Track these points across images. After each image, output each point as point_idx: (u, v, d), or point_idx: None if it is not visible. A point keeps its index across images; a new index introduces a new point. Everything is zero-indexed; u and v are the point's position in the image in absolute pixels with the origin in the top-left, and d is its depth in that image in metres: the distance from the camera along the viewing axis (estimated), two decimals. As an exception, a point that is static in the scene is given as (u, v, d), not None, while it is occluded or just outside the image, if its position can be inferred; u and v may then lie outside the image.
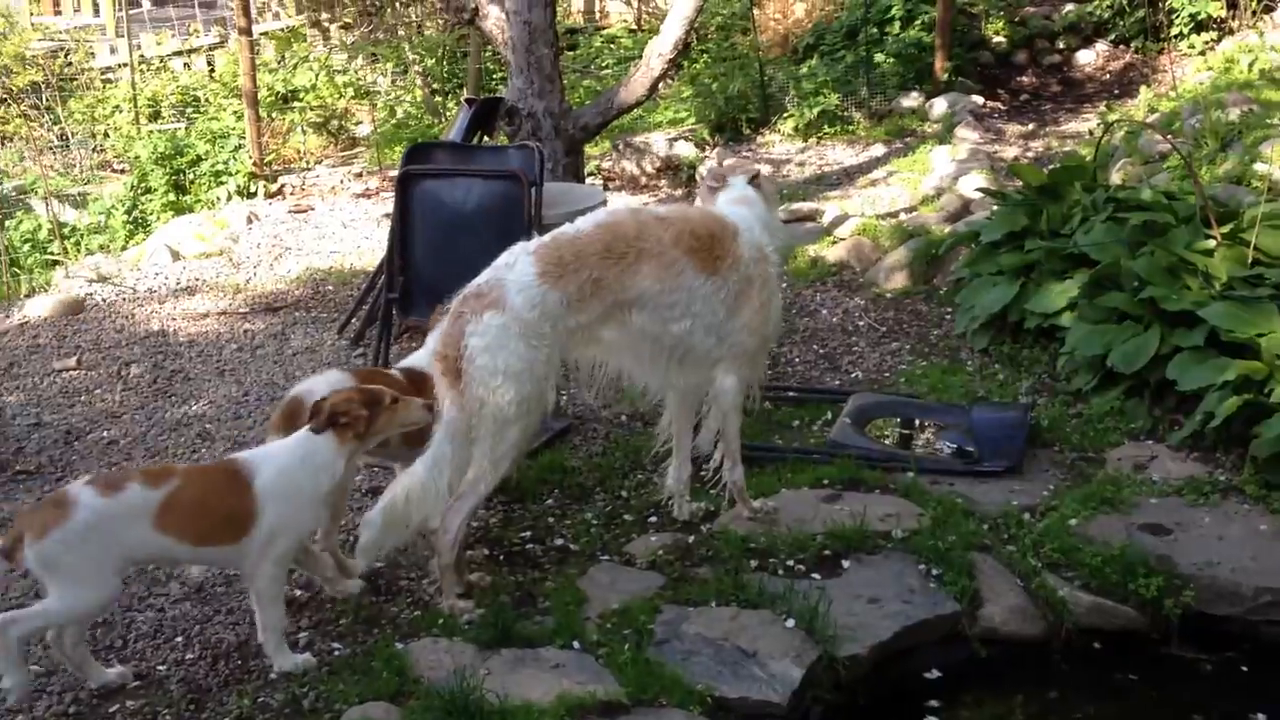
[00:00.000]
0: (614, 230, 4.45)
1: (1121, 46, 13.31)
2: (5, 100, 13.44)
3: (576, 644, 4.01)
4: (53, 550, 3.64)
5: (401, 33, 14.95)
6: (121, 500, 3.74)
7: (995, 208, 7.36)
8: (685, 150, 11.42)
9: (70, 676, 4.05)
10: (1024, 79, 13.08)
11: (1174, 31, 12.30)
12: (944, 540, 4.53)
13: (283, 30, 16.03)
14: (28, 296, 9.04)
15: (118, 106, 14.25)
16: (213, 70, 15.48)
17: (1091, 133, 9.95)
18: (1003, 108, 12.13)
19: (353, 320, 7.51)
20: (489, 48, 12.27)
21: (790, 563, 4.47)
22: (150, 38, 16.36)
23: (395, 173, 6.75)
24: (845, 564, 4.46)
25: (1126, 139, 8.87)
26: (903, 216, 8.84)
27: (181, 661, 4.09)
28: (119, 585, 3.83)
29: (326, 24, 15.83)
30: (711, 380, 4.68)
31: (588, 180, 10.04)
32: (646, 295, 4.43)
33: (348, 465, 4.06)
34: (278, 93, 13.66)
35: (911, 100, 11.82)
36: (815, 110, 11.39)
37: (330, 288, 8.57)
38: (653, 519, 4.98)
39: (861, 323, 7.21)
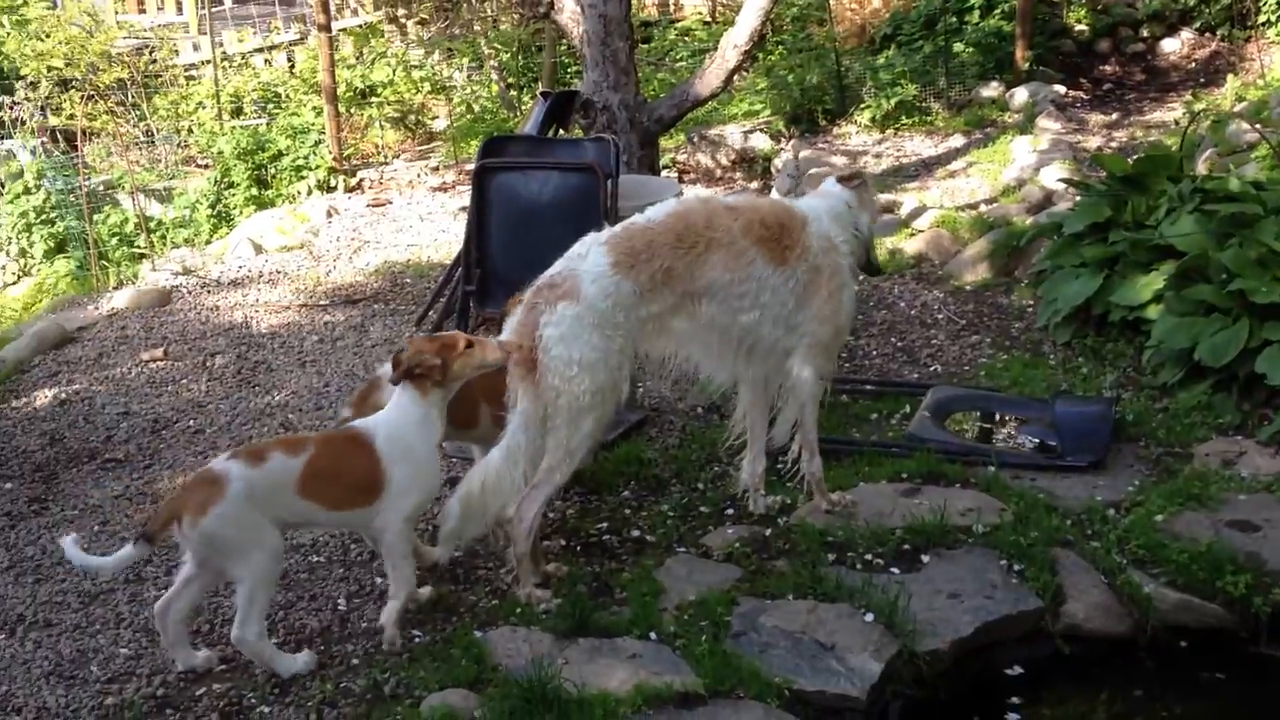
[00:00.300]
0: (685, 220, 4.44)
1: (1207, 34, 13.00)
2: (93, 97, 13.72)
3: (653, 635, 4.02)
4: (216, 525, 3.77)
5: (477, 27, 15.02)
6: (269, 470, 3.88)
7: (1078, 199, 7.25)
8: (760, 142, 11.38)
9: (159, 660, 4.14)
10: (1107, 68, 12.84)
11: (1261, 19, 12.00)
12: (1026, 536, 4.47)
13: (361, 26, 16.19)
14: (116, 288, 9.25)
15: (201, 103, 14.49)
16: (293, 66, 15.70)
17: (1177, 122, 9.74)
18: (1085, 97, 11.92)
19: (430, 312, 7.57)
20: (564, 41, 12.31)
21: (869, 557, 4.43)
22: (232, 35, 16.62)
23: (471, 166, 6.78)
24: (925, 558, 4.41)
25: (1213, 128, 8.68)
26: (982, 208, 8.73)
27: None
28: (282, 545, 3.96)
29: (403, 20, 15.95)
30: (786, 372, 4.66)
31: (662, 173, 10.04)
32: (716, 285, 4.42)
33: (439, 415, 4.14)
34: (356, 88, 13.82)
35: (991, 90, 11.66)
36: (893, 101, 11.27)
37: (408, 280, 8.66)
38: (729, 511, 4.97)
39: (940, 315, 7.13)
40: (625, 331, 4.31)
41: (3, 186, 12.13)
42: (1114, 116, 11.13)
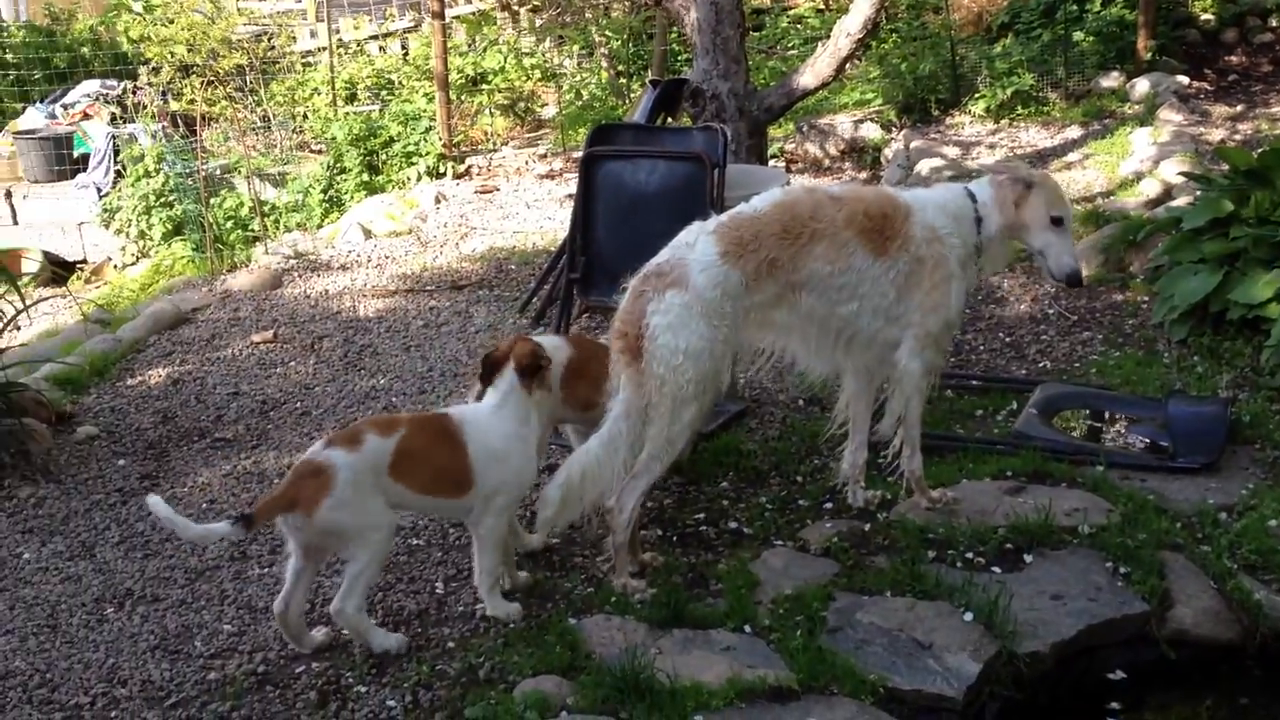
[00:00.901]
0: (790, 210, 4.40)
1: (1340, 23, 12.54)
2: (212, 82, 14.02)
3: (748, 628, 3.99)
4: (331, 516, 3.83)
5: (588, 15, 15.07)
6: (366, 452, 3.93)
7: (1199, 193, 7.02)
8: (871, 132, 11.23)
9: (261, 637, 4.22)
10: (1232, 58, 12.42)
11: (1399, 7, 11.53)
12: (1134, 538, 4.35)
13: (473, 14, 16.34)
14: (229, 271, 9.47)
15: (316, 89, 14.75)
16: (406, 53, 15.89)
17: (1305, 115, 9.42)
18: (1209, 88, 11.54)
19: (534, 299, 7.63)
20: (675, 29, 12.28)
21: (969, 555, 4.35)
22: (348, 22, 16.89)
23: (579, 154, 6.79)
24: (1027, 558, 4.31)
25: (1344, 121, 8.36)
26: (1099, 201, 8.52)
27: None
28: (395, 520, 4.06)
29: (516, 7, 16.08)
30: (893, 363, 4.58)
31: (770, 162, 9.96)
32: (817, 276, 4.37)
33: (540, 418, 4.20)
34: (467, 75, 13.95)
35: (1111, 80, 11.36)
36: (1009, 91, 11.04)
37: (513, 267, 8.72)
38: (828, 505, 4.92)
39: (1051, 311, 6.97)
40: (731, 321, 4.28)
41: (125, 170, 12.48)
42: (1239, 109, 10.76)
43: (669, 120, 8.22)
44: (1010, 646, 3.85)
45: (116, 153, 13.11)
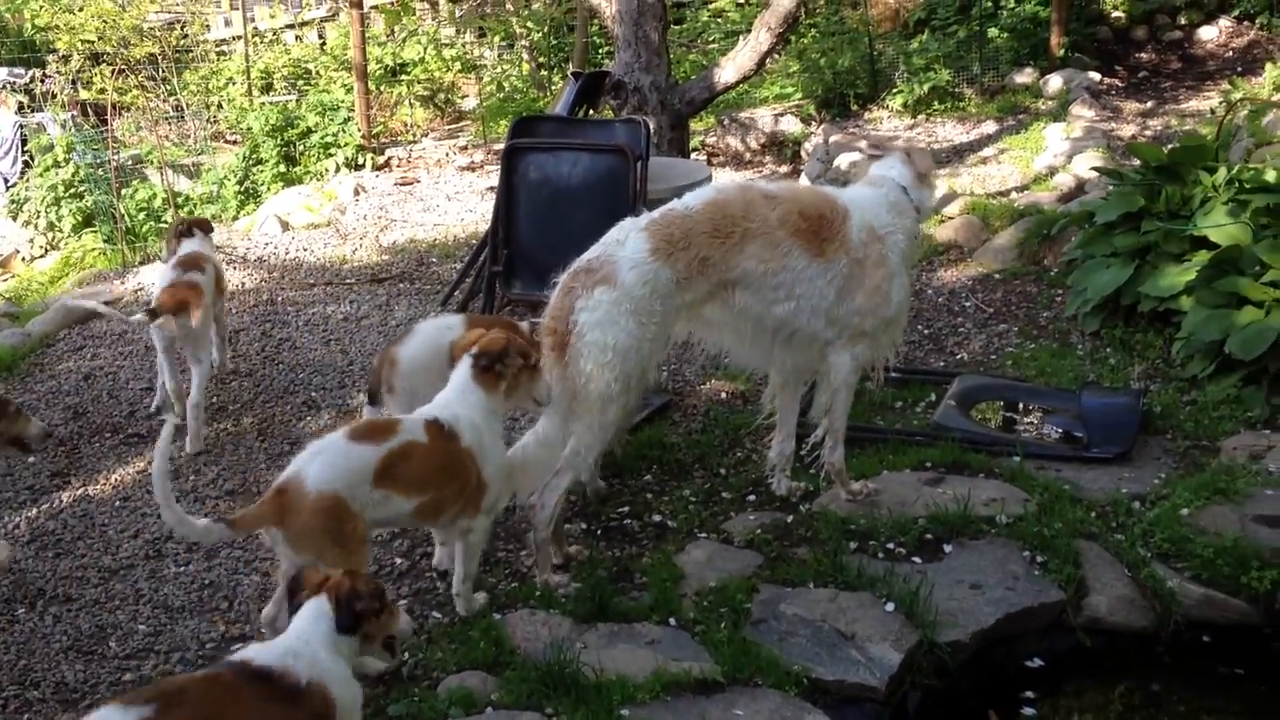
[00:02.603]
0: (723, 208, 4.38)
1: (1245, 22, 12.85)
2: (124, 71, 13.75)
3: (673, 620, 4.00)
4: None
5: (509, 6, 14.99)
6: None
7: (1111, 187, 7.16)
8: (791, 126, 11.31)
9: (177, 637, 4.14)
10: (1143, 55, 12.69)
11: (1303, 7, 11.85)
12: (1050, 527, 4.43)
13: (392, 3, 16.14)
14: (142, 264, 9.28)
15: (231, 79, 14.54)
16: (324, 43, 15.70)
17: (1213, 111, 9.62)
18: (1120, 85, 11.79)
19: (456, 293, 7.57)
20: (596, 21, 12.27)
21: (891, 545, 4.40)
22: (264, 10, 16.64)
23: (500, 146, 6.75)
24: (947, 548, 4.37)
25: (1250, 118, 8.56)
26: (1014, 195, 8.65)
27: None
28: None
29: (435, -3, 15.98)
30: (823, 359, 4.60)
31: (692, 155, 9.99)
32: (750, 276, 4.36)
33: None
34: (386, 66, 13.82)
35: (1025, 76, 11.55)
36: (926, 86, 11.18)
37: (434, 260, 8.65)
38: (751, 498, 4.94)
39: (968, 303, 7.07)
40: (660, 319, 4.27)
41: (33, 159, 12.18)
42: (1149, 105, 11.00)
43: (591, 113, 8.20)
44: (931, 636, 3.89)
45: (24, 142, 12.79)
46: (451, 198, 10.50)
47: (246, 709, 2.86)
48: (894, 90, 11.41)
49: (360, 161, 11.72)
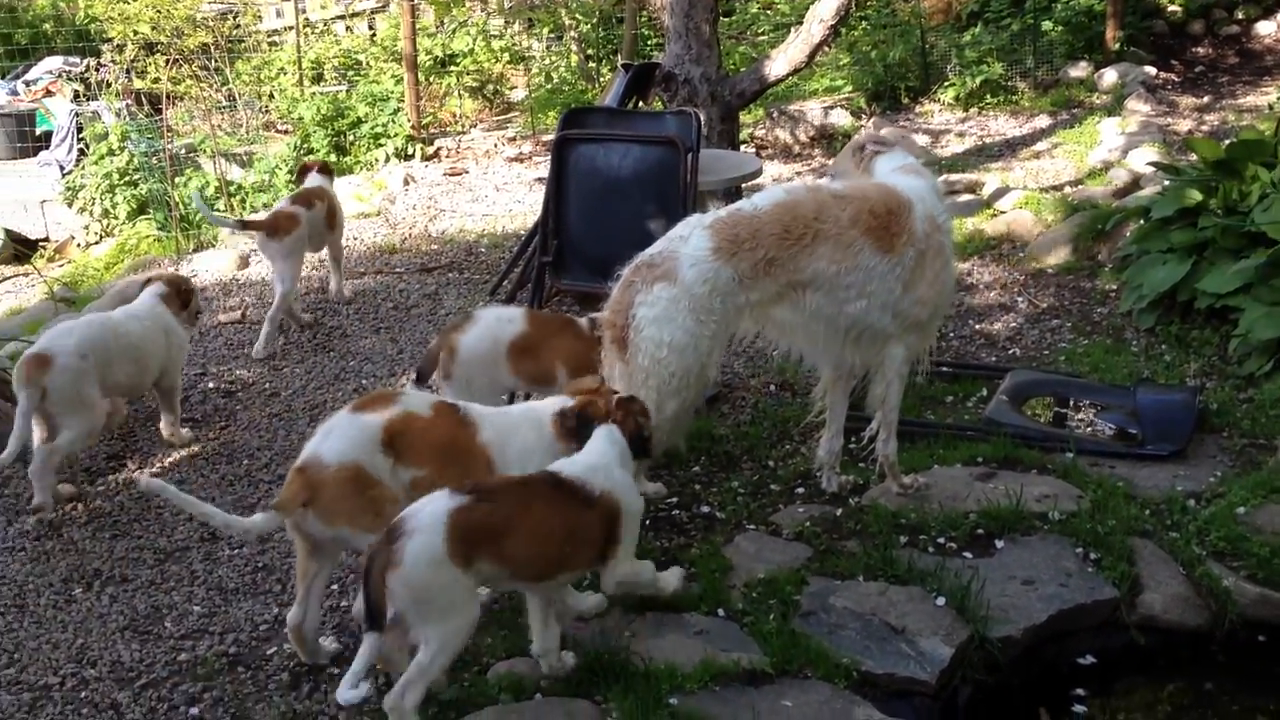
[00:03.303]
0: (793, 210, 4.34)
1: (1305, 17, 12.67)
2: (177, 61, 13.87)
3: (721, 611, 3.99)
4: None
5: (559, -2, 15.02)
6: None
7: (1167, 183, 7.08)
8: (841, 119, 11.25)
9: (232, 618, 4.20)
10: (1199, 50, 12.54)
11: (1364, 1, 11.65)
12: (1103, 524, 4.38)
13: (442, -5, 16.24)
14: (196, 251, 9.38)
15: (282, 69, 14.63)
16: (374, 34, 15.78)
17: (1271, 107, 9.48)
18: (1176, 79, 11.65)
19: (504, 282, 7.59)
20: (645, 13, 12.24)
21: (941, 540, 4.37)
22: (315, 1, 16.74)
23: (548, 137, 6.78)
24: (999, 544, 4.34)
25: (1310, 113, 8.44)
26: (1067, 190, 8.57)
27: (336, 608, 4.17)
28: None
29: (485, -12, 16.00)
30: (878, 351, 4.58)
31: (741, 148, 9.96)
32: (822, 277, 4.32)
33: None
34: (436, 57, 13.87)
35: (1080, 70, 11.44)
36: (978, 79, 11.10)
37: (482, 250, 8.68)
38: (800, 490, 4.93)
39: (1020, 298, 7.01)
40: (720, 318, 4.24)
41: (88, 148, 12.33)
42: (1206, 100, 10.86)
43: (640, 104, 8.20)
44: (982, 631, 3.86)
45: (79, 130, 12.94)
46: (500, 188, 10.53)
47: (550, 506, 3.43)
48: (946, 83, 11.34)
49: (409, 152, 11.78)
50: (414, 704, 3.23)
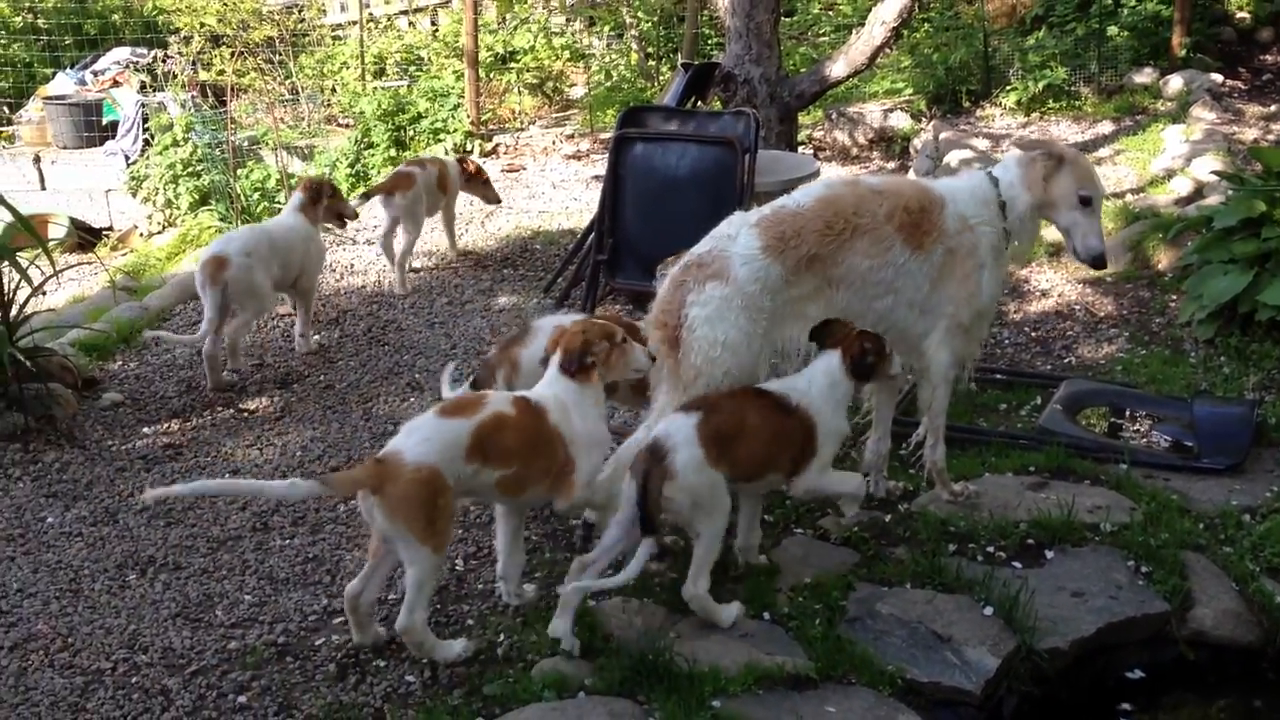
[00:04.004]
0: (834, 205, 4.34)
1: (1377, 25, 12.40)
2: (242, 53, 14.05)
3: (767, 615, 3.98)
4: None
5: (620, -4, 15.04)
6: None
7: (1231, 192, 6.97)
8: (900, 122, 11.19)
9: (281, 608, 4.25)
10: (1268, 58, 12.30)
11: None
12: (1156, 537, 4.33)
13: (505, -9, 16.32)
14: (257, 243, 9.47)
15: (345, 63, 14.78)
16: (436, 29, 15.89)
17: (1341, 116, 9.33)
18: (1243, 87, 11.45)
19: (558, 280, 7.62)
20: (706, 12, 12.24)
21: (990, 549, 4.33)
22: (379, -4, 16.89)
23: (606, 135, 6.80)
24: (1049, 554, 4.30)
25: (1380, 124, 8.28)
26: (1129, 198, 8.46)
27: (384, 601, 4.21)
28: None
29: (547, -14, 16.05)
30: (921, 353, 4.56)
31: (799, 149, 9.93)
32: (855, 272, 4.32)
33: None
34: (497, 53, 13.94)
35: (1144, 76, 11.28)
36: (1041, 84, 10.97)
37: (537, 247, 8.72)
38: (849, 495, 4.89)
39: (1078, 306, 6.93)
40: (770, 315, 4.23)
41: (153, 138, 12.51)
42: (1273, 109, 10.66)
43: (700, 104, 8.20)
44: (1029, 642, 3.83)
45: (145, 121, 13.14)
46: (556, 185, 10.57)
47: (759, 413, 3.98)
48: (1008, 87, 11.22)
49: (469, 147, 11.84)
50: (705, 587, 3.85)
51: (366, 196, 8.40)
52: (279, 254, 6.60)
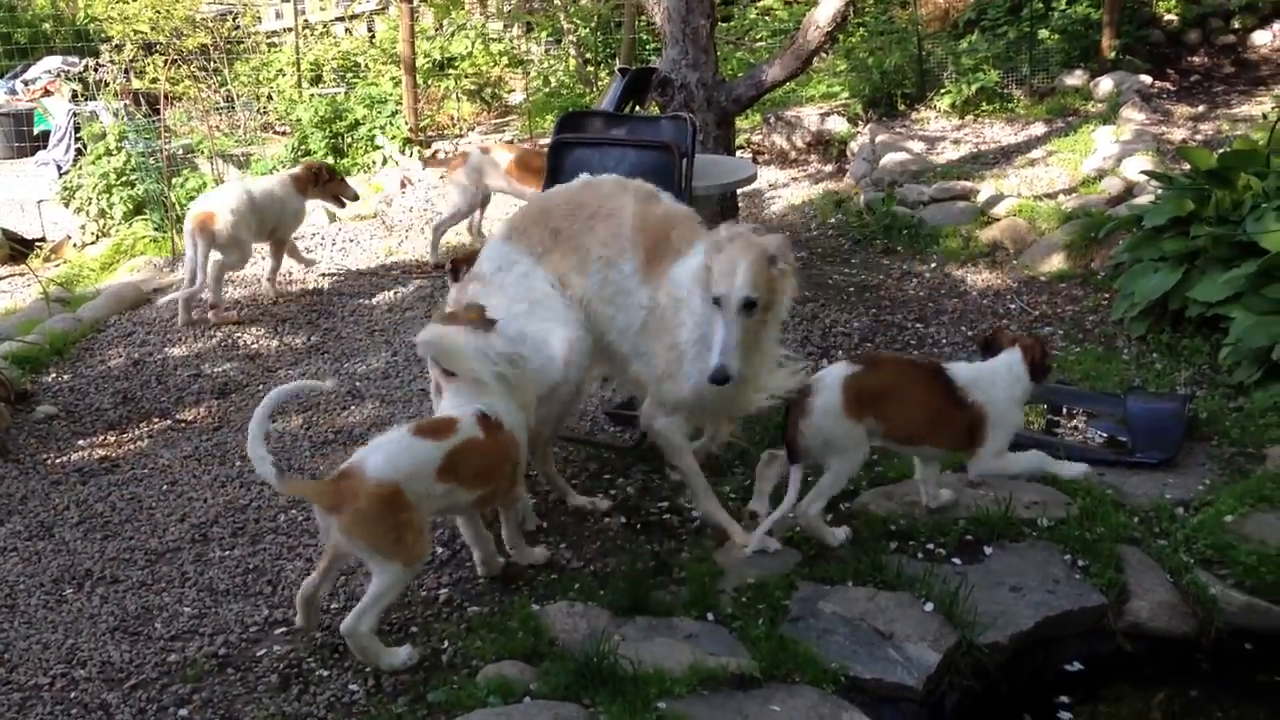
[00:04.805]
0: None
1: (1301, 27, 12.67)
2: (176, 61, 13.89)
3: (710, 615, 4.00)
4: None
5: (557, 2, 15.03)
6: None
7: (1160, 191, 7.10)
8: (837, 125, 11.28)
9: (221, 620, 4.20)
10: (1195, 59, 12.55)
11: (1360, 12, 11.67)
12: (1092, 531, 4.40)
13: (441, -3, 16.26)
14: (192, 252, 9.36)
15: (281, 70, 14.64)
16: (373, 36, 15.80)
17: (1265, 116, 9.50)
18: (1171, 88, 11.67)
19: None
20: (643, 18, 12.27)
21: (930, 546, 4.38)
22: (314, 2, 16.75)
23: (546, 141, 6.78)
24: (988, 550, 4.35)
25: (1303, 123, 8.46)
26: (1061, 198, 8.60)
27: (328, 610, 4.18)
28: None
29: (484, -8, 16.02)
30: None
31: (737, 154, 9.98)
32: None
33: None
34: (434, 60, 13.88)
35: (1075, 79, 11.46)
36: (974, 87, 11.12)
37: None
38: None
39: (1013, 305, 7.03)
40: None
41: (85, 147, 12.33)
42: (1200, 109, 10.88)
43: (637, 109, 8.21)
44: (970, 637, 3.87)
45: (77, 130, 12.94)
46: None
47: (926, 391, 4.26)
48: (942, 90, 11.36)
49: (407, 154, 11.79)
50: (818, 510, 4.27)
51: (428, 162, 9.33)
52: (258, 212, 7.55)
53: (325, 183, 8.00)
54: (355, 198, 8.38)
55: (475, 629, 4.03)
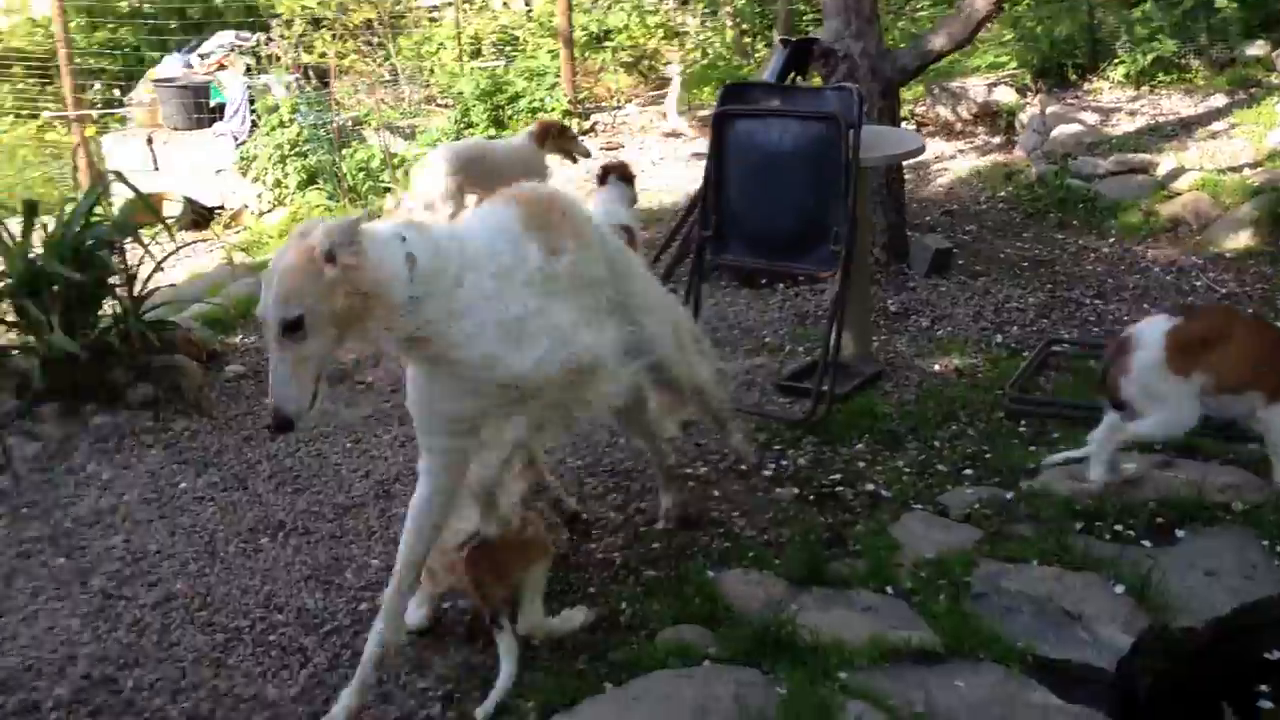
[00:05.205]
0: None
1: None
2: (343, 36, 14.23)
3: (889, 589, 3.95)
4: None
5: (715, -27, 14.99)
6: None
7: (1355, 165, 6.78)
8: (1004, 96, 10.99)
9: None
10: (1387, 27, 11.90)
11: None
12: (1291, 517, 4.23)
13: (599, -30, 16.33)
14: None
15: (442, 44, 14.88)
16: (530, 10, 15.95)
17: None
18: (1362, 58, 11.09)
19: (661, 257, 7.62)
20: (802, -12, 12.14)
21: (1118, 528, 4.25)
22: (474, -23, 16.97)
23: (704, 113, 6.76)
24: (1180, 533, 4.21)
25: None
26: (1246, 172, 8.25)
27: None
28: None
29: (642, -36, 16.03)
30: None
31: (902, 125, 9.81)
32: None
33: None
34: (591, 32, 13.95)
35: (1257, 49, 10.96)
36: (1149, 57, 10.72)
37: (640, 224, 8.70)
38: (967, 472, 4.86)
39: (1198, 282, 6.78)
40: None
41: (260, 119, 12.73)
42: (1393, 79, 10.33)
43: (799, 80, 8.13)
44: (1163, 621, 3.77)
45: (252, 103, 13.36)
46: (655, 164, 10.57)
47: (1248, 333, 4.29)
48: (1115, 61, 10.98)
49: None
50: (1117, 444, 4.40)
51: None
52: (499, 168, 7.60)
53: (555, 137, 8.24)
54: (586, 154, 8.63)
55: (652, 592, 4.05)
